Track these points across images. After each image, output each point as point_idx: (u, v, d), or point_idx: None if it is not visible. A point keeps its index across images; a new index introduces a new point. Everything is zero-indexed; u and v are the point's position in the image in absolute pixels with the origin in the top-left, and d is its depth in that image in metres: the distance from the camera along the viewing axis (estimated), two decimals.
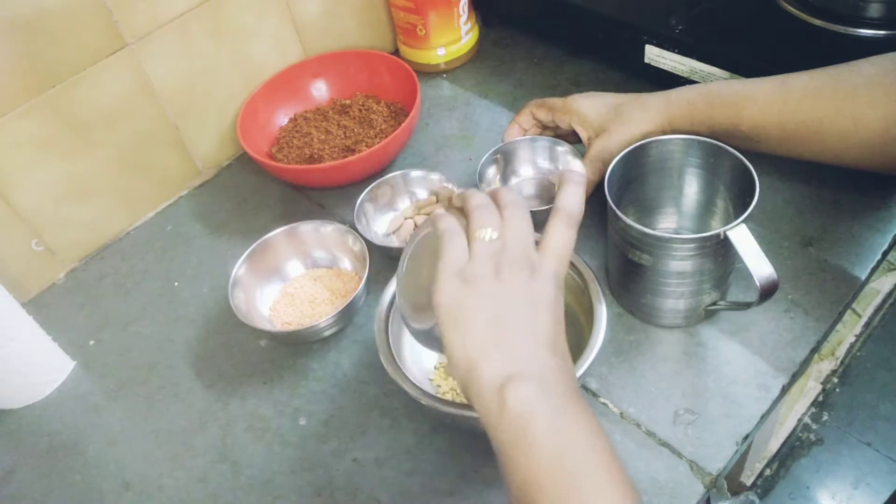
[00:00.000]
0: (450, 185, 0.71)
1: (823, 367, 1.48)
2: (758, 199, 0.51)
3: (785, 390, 0.56)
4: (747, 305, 0.56)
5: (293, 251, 0.69)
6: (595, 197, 0.71)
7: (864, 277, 0.61)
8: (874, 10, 0.68)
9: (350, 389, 0.62)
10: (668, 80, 0.74)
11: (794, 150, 0.59)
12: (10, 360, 0.62)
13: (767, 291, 0.50)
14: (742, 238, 0.50)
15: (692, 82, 0.72)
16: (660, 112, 0.61)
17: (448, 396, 0.57)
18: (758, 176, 0.52)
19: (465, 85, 0.89)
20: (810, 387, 1.45)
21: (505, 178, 0.73)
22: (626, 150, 0.57)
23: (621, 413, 0.56)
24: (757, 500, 1.25)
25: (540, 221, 0.46)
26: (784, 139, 0.58)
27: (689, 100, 0.60)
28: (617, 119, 0.63)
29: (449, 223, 0.44)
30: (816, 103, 0.56)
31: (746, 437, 0.54)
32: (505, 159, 0.72)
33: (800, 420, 1.42)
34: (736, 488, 1.31)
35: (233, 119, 0.82)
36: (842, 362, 1.49)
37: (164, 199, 0.81)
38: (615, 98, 0.65)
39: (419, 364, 0.59)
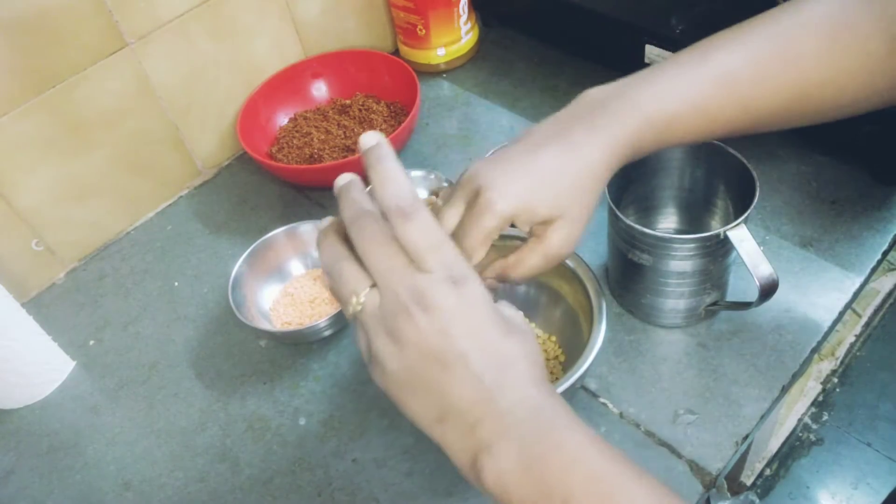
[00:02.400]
0: (449, 187, 0.71)
1: (823, 367, 1.48)
2: (758, 199, 0.51)
3: (785, 390, 0.56)
4: (747, 305, 0.56)
5: (293, 251, 0.69)
6: None
7: (864, 277, 0.61)
8: None
9: (350, 389, 0.62)
10: None
11: (744, 134, 0.49)
12: (10, 360, 0.62)
13: (767, 291, 0.51)
14: (742, 238, 0.50)
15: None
16: (605, 167, 0.45)
17: None
18: (758, 176, 0.52)
19: (465, 85, 0.89)
20: (810, 387, 1.46)
21: None
22: None
23: (621, 413, 0.56)
24: (757, 500, 1.25)
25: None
26: (733, 132, 0.48)
27: (633, 137, 0.45)
28: (565, 203, 0.44)
29: (332, 278, 0.38)
30: (765, 95, 0.46)
31: (746, 437, 0.54)
32: None
33: (800, 420, 1.42)
34: (736, 488, 1.31)
35: (233, 119, 0.82)
36: (842, 362, 1.49)
37: (164, 199, 0.81)
38: (538, 170, 0.43)
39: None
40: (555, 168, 0.43)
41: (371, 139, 0.38)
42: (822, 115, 0.47)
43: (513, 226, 0.43)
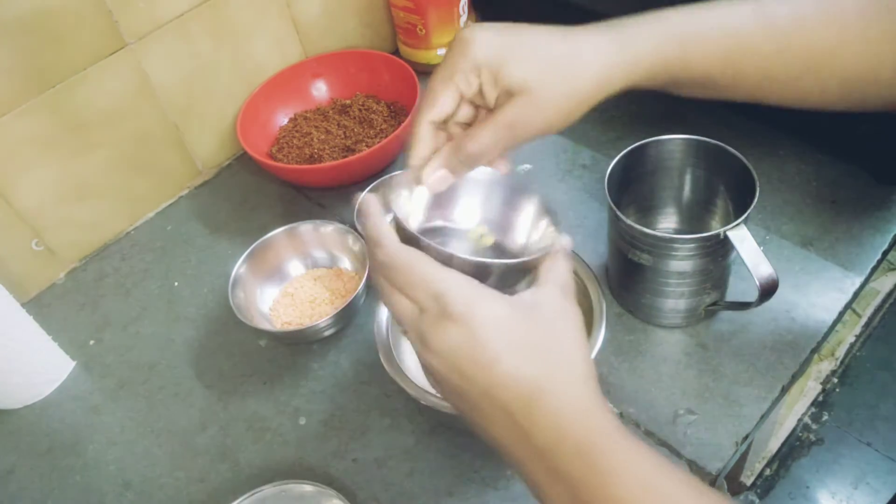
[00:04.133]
0: None
1: (823, 367, 1.48)
2: (758, 199, 0.51)
3: (785, 390, 0.56)
4: (747, 305, 0.56)
5: (293, 251, 0.69)
6: (595, 196, 0.72)
7: (864, 277, 0.61)
8: None
9: (350, 389, 0.62)
10: None
11: (776, 95, 0.46)
12: (10, 360, 0.62)
13: (767, 291, 0.51)
14: (742, 238, 0.50)
15: None
16: (607, 69, 0.41)
17: None
18: (758, 176, 0.52)
19: None
20: (810, 387, 1.45)
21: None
22: (627, 150, 0.57)
23: (621, 413, 0.56)
24: (757, 500, 1.25)
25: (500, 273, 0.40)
26: (763, 83, 0.45)
27: (654, 48, 0.41)
28: (543, 77, 0.40)
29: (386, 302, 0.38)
30: (803, 41, 0.42)
31: (746, 437, 0.54)
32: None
33: (800, 420, 1.42)
34: (736, 488, 1.31)
35: (233, 119, 0.82)
36: (842, 362, 1.49)
37: (164, 199, 0.81)
38: (532, 36, 0.42)
39: (419, 364, 0.58)
40: (548, 41, 0.40)
41: (364, 200, 0.40)
42: (855, 90, 0.44)
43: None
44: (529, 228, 0.46)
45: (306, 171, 0.75)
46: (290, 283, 0.69)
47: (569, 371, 0.34)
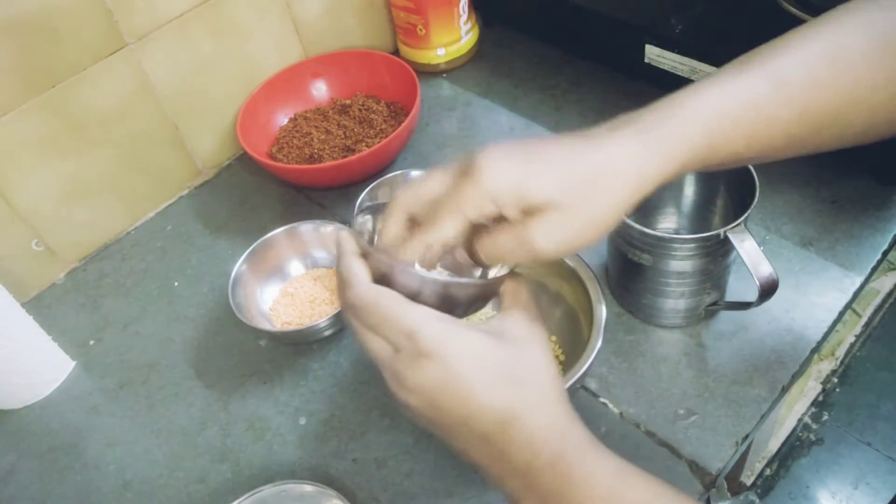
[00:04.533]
0: None
1: (823, 367, 1.48)
2: (758, 199, 0.51)
3: (785, 390, 0.56)
4: (747, 305, 0.55)
5: (293, 251, 0.69)
6: None
7: (864, 277, 0.61)
8: None
9: (350, 389, 0.62)
10: (668, 80, 0.74)
11: (799, 151, 0.45)
12: (10, 360, 0.62)
13: (767, 291, 0.50)
14: (742, 238, 0.50)
15: (692, 82, 0.71)
16: (640, 174, 0.39)
17: None
18: (758, 176, 0.52)
19: (465, 85, 0.89)
20: (810, 387, 1.45)
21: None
22: None
23: (621, 413, 0.56)
24: (757, 500, 1.25)
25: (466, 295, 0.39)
26: (788, 146, 0.44)
27: (682, 142, 0.39)
28: (578, 192, 0.37)
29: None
30: (820, 99, 0.42)
31: (746, 437, 0.54)
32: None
33: (800, 420, 1.42)
34: (736, 488, 1.31)
35: (233, 119, 0.82)
36: (842, 362, 1.49)
37: (164, 199, 0.81)
38: (552, 151, 0.38)
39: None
40: (565, 155, 0.37)
41: (339, 237, 0.40)
42: (874, 128, 0.45)
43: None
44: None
45: (306, 171, 0.75)
46: (290, 283, 0.69)
47: (540, 394, 0.36)
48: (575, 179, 0.36)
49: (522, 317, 0.38)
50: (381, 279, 0.38)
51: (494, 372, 0.35)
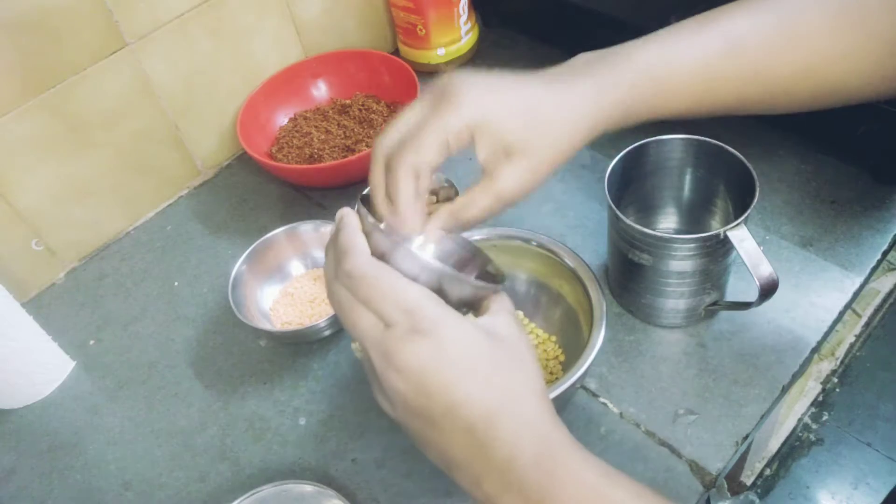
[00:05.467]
0: (449, 185, 0.71)
1: (823, 367, 1.48)
2: (758, 200, 0.51)
3: (785, 390, 0.56)
4: (747, 305, 0.56)
5: (293, 251, 0.69)
6: (595, 196, 0.72)
7: (864, 277, 0.61)
8: None
9: (350, 389, 0.62)
10: None
11: (751, 111, 0.48)
12: (10, 360, 0.62)
13: (767, 291, 0.51)
14: (742, 238, 0.50)
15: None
16: (591, 117, 0.42)
17: None
18: (758, 176, 0.52)
19: None
20: (810, 387, 1.45)
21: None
22: (626, 150, 0.56)
23: (621, 413, 0.56)
24: (757, 500, 1.25)
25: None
26: (740, 106, 0.46)
27: (629, 91, 0.42)
28: (534, 136, 0.41)
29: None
30: (773, 65, 0.44)
31: (746, 437, 0.54)
32: None
33: (800, 420, 1.42)
34: (736, 488, 1.31)
35: (233, 119, 0.82)
36: (842, 362, 1.49)
37: (164, 199, 0.81)
38: (518, 91, 0.42)
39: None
40: (537, 96, 0.41)
41: (341, 212, 0.39)
42: (832, 95, 0.45)
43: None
44: None
45: (306, 171, 0.75)
46: (290, 283, 0.69)
47: (528, 390, 0.35)
48: (541, 124, 0.40)
49: (511, 320, 0.38)
50: (380, 259, 0.37)
51: (485, 363, 0.34)
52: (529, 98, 0.40)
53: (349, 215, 0.38)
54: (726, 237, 0.50)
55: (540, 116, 0.40)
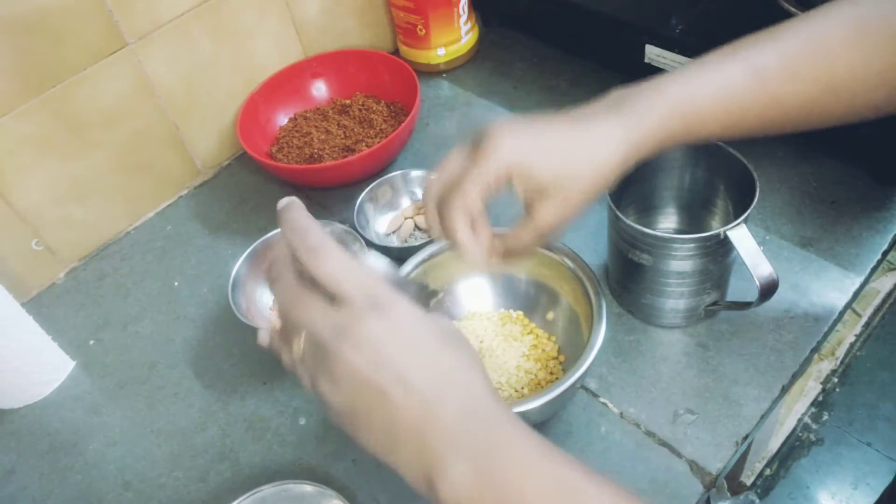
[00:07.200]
0: None
1: (823, 367, 1.48)
2: (758, 200, 0.51)
3: (785, 390, 0.56)
4: (747, 305, 0.56)
5: None
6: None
7: (864, 277, 0.61)
8: None
9: None
10: None
11: (778, 132, 0.49)
12: (10, 360, 0.62)
13: (767, 291, 0.51)
14: (742, 238, 0.50)
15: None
16: (620, 153, 0.44)
17: None
18: (758, 176, 0.52)
19: (465, 85, 0.89)
20: (810, 387, 1.46)
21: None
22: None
23: (621, 413, 0.56)
24: (757, 500, 1.25)
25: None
26: (764, 129, 0.48)
27: (658, 126, 0.45)
28: (564, 176, 0.44)
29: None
30: (796, 89, 0.45)
31: (746, 437, 0.54)
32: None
33: (800, 420, 1.42)
34: (736, 488, 1.31)
35: (233, 119, 0.82)
36: (842, 362, 1.49)
37: (164, 199, 0.81)
38: (549, 135, 0.45)
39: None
40: (566, 138, 0.44)
41: (284, 201, 0.39)
42: (855, 112, 0.47)
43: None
44: None
45: (306, 171, 0.75)
46: None
47: (475, 365, 0.36)
48: (574, 164, 0.44)
49: (450, 321, 0.40)
50: None
51: (435, 339, 0.36)
52: (559, 141, 0.44)
53: (295, 202, 0.39)
54: (726, 237, 0.50)
55: (570, 157, 0.44)
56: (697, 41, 0.71)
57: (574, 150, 0.44)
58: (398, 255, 0.66)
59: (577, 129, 0.45)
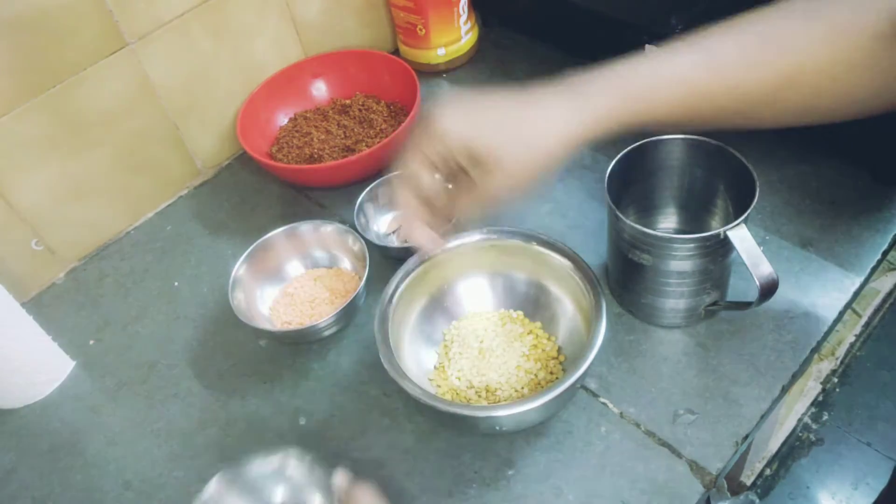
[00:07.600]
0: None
1: (823, 367, 1.48)
2: (758, 200, 0.51)
3: (785, 390, 0.56)
4: (747, 305, 0.56)
5: (293, 251, 0.69)
6: (595, 196, 0.72)
7: (864, 277, 0.61)
8: None
9: (350, 389, 0.62)
10: None
11: (736, 124, 0.49)
12: (10, 360, 0.62)
13: (767, 291, 0.51)
14: (742, 238, 0.50)
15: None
16: (567, 133, 0.46)
17: (448, 396, 0.57)
18: (758, 176, 0.52)
19: (465, 85, 0.89)
20: (810, 387, 1.45)
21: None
22: (627, 150, 0.57)
23: (621, 413, 0.56)
24: (757, 500, 1.25)
25: None
26: (719, 118, 0.48)
27: (608, 109, 0.46)
28: (504, 151, 0.45)
29: None
30: (753, 78, 0.45)
31: (746, 437, 0.54)
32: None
33: (800, 420, 1.42)
34: (736, 488, 1.31)
35: (233, 119, 0.82)
36: (842, 362, 1.49)
37: (164, 198, 0.81)
38: (488, 113, 0.47)
39: (419, 364, 0.59)
40: (511, 116, 0.46)
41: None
42: (817, 108, 0.46)
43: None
44: None
45: (306, 171, 0.75)
46: (290, 283, 0.69)
47: None
48: (506, 139, 0.45)
49: None
50: None
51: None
52: (500, 118, 0.46)
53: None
54: (726, 237, 0.50)
55: (511, 134, 0.45)
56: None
57: (517, 127, 0.45)
58: (398, 255, 0.66)
59: (524, 108, 0.46)
